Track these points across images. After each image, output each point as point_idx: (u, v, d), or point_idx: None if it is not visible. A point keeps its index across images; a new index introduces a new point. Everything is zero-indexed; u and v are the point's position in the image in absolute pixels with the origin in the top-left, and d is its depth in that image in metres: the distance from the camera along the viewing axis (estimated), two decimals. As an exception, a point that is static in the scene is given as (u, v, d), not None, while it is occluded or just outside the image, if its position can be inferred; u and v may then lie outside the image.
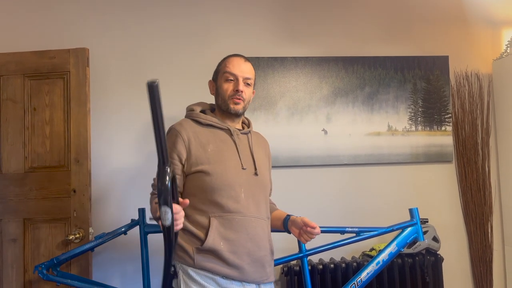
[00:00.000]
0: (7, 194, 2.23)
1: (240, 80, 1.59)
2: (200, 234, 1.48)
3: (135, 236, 2.29)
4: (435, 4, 2.79)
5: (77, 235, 2.14)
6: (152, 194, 1.61)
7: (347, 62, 2.64)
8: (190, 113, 1.66)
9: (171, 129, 1.59)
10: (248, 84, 1.62)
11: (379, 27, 2.72)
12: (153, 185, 1.62)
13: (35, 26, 2.46)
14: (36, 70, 2.26)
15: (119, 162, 2.44)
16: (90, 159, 2.24)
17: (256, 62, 2.55)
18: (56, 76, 2.26)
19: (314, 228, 1.52)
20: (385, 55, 2.68)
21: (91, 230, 2.19)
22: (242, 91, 1.59)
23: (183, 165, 1.54)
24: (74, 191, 2.20)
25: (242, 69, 1.61)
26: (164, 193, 1.11)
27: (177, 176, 1.53)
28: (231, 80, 1.60)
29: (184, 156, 1.54)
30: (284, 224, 1.65)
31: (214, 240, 1.46)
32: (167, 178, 1.11)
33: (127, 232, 2.16)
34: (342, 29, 2.69)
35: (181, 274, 1.51)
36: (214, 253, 1.46)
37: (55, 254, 2.17)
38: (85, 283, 2.07)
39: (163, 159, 1.11)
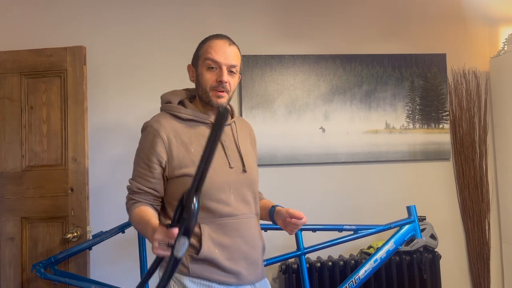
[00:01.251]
0: (4, 192, 2.22)
1: (224, 68, 1.38)
2: (194, 242, 1.35)
3: (132, 234, 2.29)
4: (432, 2, 2.79)
5: (75, 234, 2.13)
6: (130, 199, 1.40)
7: (344, 60, 2.63)
8: (168, 106, 1.45)
9: (147, 126, 1.42)
10: (233, 72, 1.41)
11: (377, 25, 2.72)
12: (131, 188, 1.40)
13: (32, 24, 2.45)
14: (33, 68, 2.25)
15: (117, 161, 2.44)
16: (87, 157, 2.23)
17: (254, 60, 2.55)
18: (53, 74, 2.25)
19: (300, 219, 1.40)
20: (382, 53, 2.69)
21: (88, 228, 2.19)
22: (226, 82, 1.38)
23: (163, 169, 1.37)
24: (72, 190, 2.19)
25: (227, 55, 1.38)
26: (189, 223, 0.99)
27: (156, 181, 1.38)
28: (213, 68, 1.38)
29: (164, 158, 1.36)
30: (270, 215, 1.55)
31: (209, 248, 1.34)
32: (195, 207, 0.99)
33: (125, 231, 2.16)
34: (340, 27, 2.69)
35: (174, 286, 1.38)
36: (211, 262, 1.35)
37: (53, 253, 2.17)
38: (83, 281, 2.06)
39: (198, 186, 1.00)
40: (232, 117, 1.53)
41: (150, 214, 1.32)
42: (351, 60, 2.64)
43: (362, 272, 1.96)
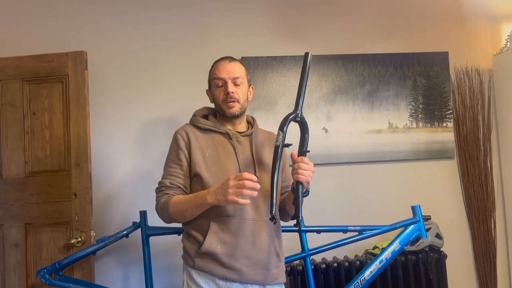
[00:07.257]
0: (8, 199, 2.22)
1: (229, 82, 1.60)
2: (200, 237, 1.53)
3: (137, 238, 2.29)
4: (434, 0, 2.77)
5: (79, 239, 2.13)
6: (164, 194, 1.55)
7: (346, 60, 2.62)
8: (191, 119, 1.70)
9: (174, 134, 1.64)
10: (238, 84, 1.62)
11: (378, 24, 2.71)
12: (164, 184, 1.57)
13: (32, 30, 2.45)
14: (34, 74, 2.25)
15: (120, 165, 2.44)
16: (90, 162, 2.23)
17: (255, 61, 2.54)
18: (54, 79, 2.25)
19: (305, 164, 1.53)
20: (384, 52, 2.67)
21: (92, 233, 2.18)
22: (232, 92, 1.59)
23: (189, 165, 1.59)
24: (75, 195, 2.19)
25: (228, 70, 1.61)
26: (284, 122, 1.48)
27: (185, 178, 1.58)
28: (221, 85, 1.62)
29: (187, 154, 1.58)
30: (292, 190, 1.59)
31: (211, 243, 1.50)
32: (289, 119, 1.51)
33: (129, 235, 2.16)
34: (341, 26, 2.68)
35: (185, 275, 1.58)
36: (212, 256, 1.50)
37: (57, 259, 2.17)
38: (88, 287, 2.06)
39: (298, 105, 1.53)
40: (252, 127, 1.71)
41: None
42: (352, 60, 2.63)
43: (367, 273, 1.95)
